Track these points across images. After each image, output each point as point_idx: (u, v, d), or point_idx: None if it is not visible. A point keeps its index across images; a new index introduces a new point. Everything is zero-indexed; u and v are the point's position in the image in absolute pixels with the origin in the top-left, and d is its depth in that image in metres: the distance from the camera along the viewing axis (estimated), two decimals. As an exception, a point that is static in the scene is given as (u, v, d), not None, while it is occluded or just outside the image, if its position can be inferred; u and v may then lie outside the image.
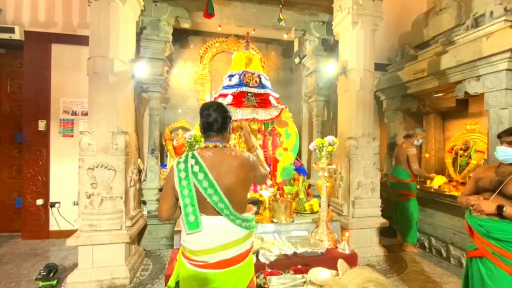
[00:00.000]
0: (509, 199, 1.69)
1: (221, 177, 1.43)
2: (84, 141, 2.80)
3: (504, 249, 1.68)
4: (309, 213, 3.35)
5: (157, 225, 3.79)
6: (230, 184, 1.44)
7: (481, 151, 3.57)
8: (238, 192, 1.48)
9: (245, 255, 1.52)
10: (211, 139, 1.55)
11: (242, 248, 1.50)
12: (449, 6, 3.90)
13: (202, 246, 1.44)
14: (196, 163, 1.44)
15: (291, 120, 3.69)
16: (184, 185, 1.41)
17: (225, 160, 1.48)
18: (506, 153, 1.74)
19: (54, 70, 4.03)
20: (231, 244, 1.46)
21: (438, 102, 4.26)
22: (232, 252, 1.46)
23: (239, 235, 1.48)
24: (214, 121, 1.53)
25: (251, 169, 1.54)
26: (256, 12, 4.43)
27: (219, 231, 1.45)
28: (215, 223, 1.44)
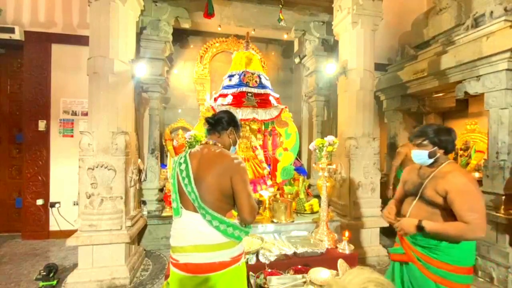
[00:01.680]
0: (429, 204, 1.61)
1: (199, 169, 1.46)
2: (84, 141, 2.80)
3: (428, 255, 1.61)
4: (309, 213, 3.35)
5: (157, 225, 3.79)
6: (205, 178, 1.43)
7: (481, 151, 3.57)
8: (213, 189, 1.42)
9: (219, 267, 1.40)
10: (210, 137, 1.63)
11: (214, 257, 1.40)
12: (449, 6, 3.90)
13: (176, 242, 1.47)
14: (184, 156, 1.53)
15: (291, 120, 3.69)
16: (173, 175, 1.53)
17: (209, 156, 1.50)
18: (419, 156, 1.66)
19: (54, 70, 4.03)
20: (201, 247, 1.40)
21: (438, 102, 4.26)
22: (201, 258, 1.40)
23: (211, 239, 1.40)
24: (215, 122, 1.61)
25: (233, 172, 1.43)
26: (256, 12, 4.43)
27: (192, 228, 1.43)
28: (190, 218, 1.45)
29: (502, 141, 2.90)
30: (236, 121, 1.67)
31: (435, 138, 1.62)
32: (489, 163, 3.00)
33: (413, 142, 1.70)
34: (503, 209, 2.81)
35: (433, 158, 1.64)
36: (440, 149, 1.63)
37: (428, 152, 1.63)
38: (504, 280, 2.78)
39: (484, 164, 3.08)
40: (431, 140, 1.62)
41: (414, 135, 1.71)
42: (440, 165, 1.65)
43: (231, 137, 1.64)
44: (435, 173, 1.64)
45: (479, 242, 3.04)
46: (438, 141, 1.62)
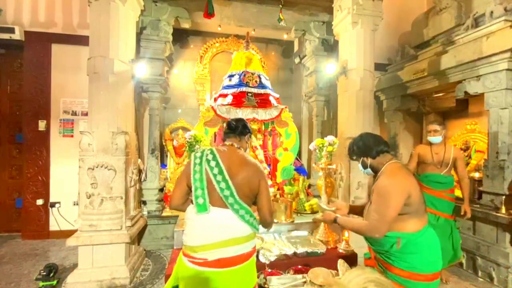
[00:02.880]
0: None
1: (231, 169, 1.54)
2: (84, 141, 2.80)
3: (384, 261, 1.63)
4: (309, 213, 3.35)
5: (157, 225, 3.80)
6: (238, 176, 1.52)
7: (481, 151, 3.57)
8: (245, 189, 1.53)
9: (246, 258, 1.52)
10: (229, 139, 1.72)
11: (243, 249, 1.50)
12: (449, 6, 3.90)
13: (203, 240, 1.46)
14: (211, 153, 1.58)
15: (291, 120, 3.69)
16: (197, 170, 1.53)
17: (238, 157, 1.61)
18: (361, 170, 1.80)
19: (54, 70, 4.03)
20: (232, 241, 1.47)
21: (438, 102, 4.25)
22: (232, 251, 1.47)
23: (241, 232, 1.50)
24: (236, 127, 1.73)
25: (261, 177, 1.58)
26: (256, 12, 4.43)
27: (222, 224, 1.48)
28: (219, 214, 1.49)
29: (502, 141, 2.90)
30: (251, 129, 1.84)
31: (355, 152, 1.77)
32: (489, 163, 3.00)
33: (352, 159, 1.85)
34: (504, 209, 2.81)
35: (368, 167, 1.74)
36: (365, 157, 1.73)
37: (360, 164, 1.78)
38: (504, 280, 2.78)
39: (484, 164, 3.08)
40: (355, 154, 1.78)
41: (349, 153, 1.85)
42: (381, 167, 1.71)
43: (247, 143, 1.80)
44: (377, 177, 1.72)
45: (479, 242, 3.04)
46: (358, 152, 1.75)
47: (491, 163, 2.97)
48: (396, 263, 1.57)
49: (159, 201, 3.96)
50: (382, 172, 1.68)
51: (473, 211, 3.09)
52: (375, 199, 1.59)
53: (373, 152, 1.71)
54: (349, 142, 1.84)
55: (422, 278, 1.54)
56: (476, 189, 3.28)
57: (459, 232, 2.96)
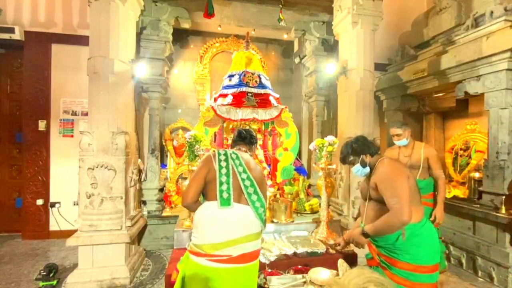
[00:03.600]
0: (376, 201, 1.73)
1: (249, 168, 1.69)
2: (84, 141, 2.80)
3: (389, 256, 1.66)
4: (309, 213, 3.35)
5: (157, 225, 3.79)
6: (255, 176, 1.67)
7: (481, 151, 3.57)
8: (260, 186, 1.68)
9: (258, 254, 1.63)
10: (240, 146, 1.86)
11: (257, 245, 1.61)
12: (449, 6, 3.90)
13: (226, 236, 1.49)
14: (234, 153, 1.70)
15: (291, 120, 3.69)
16: (223, 166, 1.61)
17: (252, 161, 1.77)
18: (358, 171, 1.82)
19: (54, 70, 4.03)
20: (251, 237, 1.55)
21: (438, 102, 4.25)
22: (251, 246, 1.55)
23: (257, 228, 1.60)
24: (246, 136, 1.88)
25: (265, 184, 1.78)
26: (256, 12, 4.43)
27: (244, 219, 1.56)
28: (242, 210, 1.57)
29: (502, 141, 2.90)
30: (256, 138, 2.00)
31: (354, 150, 1.79)
32: (489, 163, 3.00)
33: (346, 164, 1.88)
34: (504, 209, 2.80)
35: (366, 165, 1.78)
36: (365, 155, 1.79)
37: (359, 163, 1.79)
38: (504, 280, 2.78)
39: (484, 164, 3.08)
40: (353, 153, 1.80)
41: (341, 158, 1.88)
42: (374, 166, 1.78)
43: (254, 152, 1.97)
44: (373, 173, 1.78)
45: (479, 242, 3.04)
46: (359, 151, 1.79)
47: (491, 163, 2.97)
48: (401, 256, 1.60)
49: (159, 201, 3.96)
50: (377, 167, 1.74)
51: (473, 211, 3.09)
52: (383, 187, 1.61)
53: (371, 149, 1.78)
54: (342, 147, 1.87)
55: (425, 269, 1.58)
56: (476, 189, 3.28)
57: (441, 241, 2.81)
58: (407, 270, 1.58)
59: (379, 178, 1.66)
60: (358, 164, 1.80)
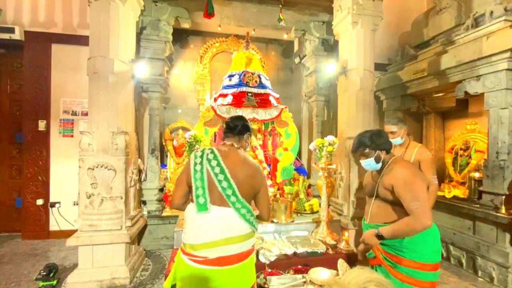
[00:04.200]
0: (385, 201, 1.72)
1: (232, 168, 1.55)
2: (84, 141, 2.80)
3: (393, 254, 1.66)
4: (309, 213, 3.35)
5: (157, 225, 3.79)
6: (239, 175, 1.54)
7: (481, 151, 3.57)
8: (246, 188, 1.55)
9: (245, 256, 1.53)
10: (229, 139, 1.71)
11: (243, 247, 1.52)
12: (449, 6, 3.90)
13: (204, 238, 1.47)
14: (212, 153, 1.59)
15: (291, 120, 3.69)
16: (198, 170, 1.54)
17: (239, 156, 1.62)
18: (369, 164, 1.77)
19: (54, 70, 4.03)
20: (233, 239, 1.49)
21: (438, 102, 4.25)
22: (232, 249, 1.48)
23: (241, 231, 1.52)
24: (235, 127, 1.71)
25: (261, 177, 1.63)
26: (256, 12, 4.43)
27: (223, 222, 1.49)
28: (220, 213, 1.50)
29: (502, 141, 2.90)
30: (249, 125, 1.80)
31: (374, 144, 1.72)
32: (489, 163, 3.00)
33: (358, 154, 1.81)
34: (504, 209, 2.81)
35: (380, 162, 1.74)
36: (381, 151, 1.74)
37: (374, 158, 1.73)
38: (504, 280, 2.78)
39: (484, 164, 3.08)
40: (371, 147, 1.73)
41: (355, 147, 1.80)
42: (387, 163, 1.75)
43: (247, 142, 1.78)
44: (383, 171, 1.74)
45: (479, 242, 3.04)
46: (376, 146, 1.72)
47: (491, 163, 2.98)
48: (407, 254, 1.61)
49: (159, 201, 3.96)
50: (390, 166, 1.71)
51: (473, 211, 3.09)
52: (403, 190, 1.58)
53: (388, 146, 1.74)
54: (360, 137, 1.78)
55: (430, 267, 1.60)
56: (476, 189, 3.28)
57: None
58: (413, 268, 1.60)
59: (397, 180, 1.61)
60: (372, 158, 1.73)
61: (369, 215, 1.80)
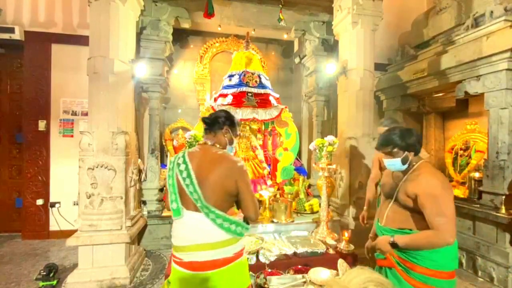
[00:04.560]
0: (403, 207, 1.61)
1: (201, 171, 1.46)
2: (84, 141, 2.80)
3: (407, 260, 1.57)
4: (309, 213, 3.35)
5: (157, 225, 3.79)
6: (208, 178, 1.44)
7: (481, 151, 3.57)
8: (217, 189, 1.44)
9: (222, 263, 1.44)
10: (205, 137, 1.63)
11: (218, 254, 1.43)
12: (449, 6, 3.90)
13: (180, 241, 1.48)
14: (182, 156, 1.53)
15: (291, 120, 3.69)
16: (170, 175, 1.51)
17: (210, 156, 1.51)
18: (393, 164, 1.63)
19: (54, 70, 4.03)
20: (205, 246, 1.42)
21: (438, 102, 4.25)
22: (205, 256, 1.42)
23: (215, 237, 1.43)
24: (210, 121, 1.61)
25: (238, 176, 1.47)
26: (256, 12, 4.43)
27: (195, 228, 1.44)
28: (192, 218, 1.45)
29: (502, 141, 2.90)
30: (232, 119, 1.65)
31: (403, 143, 1.57)
32: (489, 163, 3.00)
33: (382, 152, 1.65)
34: (504, 209, 2.81)
35: (407, 163, 1.60)
36: (410, 152, 1.59)
37: (401, 158, 1.59)
38: (504, 280, 2.78)
39: (484, 164, 3.08)
40: (399, 146, 1.58)
41: (381, 144, 1.65)
42: (412, 167, 1.62)
43: (226, 136, 1.63)
44: (408, 175, 1.62)
45: (479, 242, 3.04)
46: (406, 146, 1.57)
47: (491, 163, 2.97)
48: (421, 262, 1.54)
49: (159, 201, 3.96)
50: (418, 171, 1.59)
51: (473, 211, 3.09)
52: (428, 202, 1.47)
53: (418, 148, 1.60)
54: (389, 132, 1.63)
55: (446, 275, 1.53)
56: (476, 189, 3.28)
57: None
58: (427, 275, 1.52)
59: (424, 190, 1.49)
60: (399, 159, 1.58)
61: (385, 218, 1.70)
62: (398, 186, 1.64)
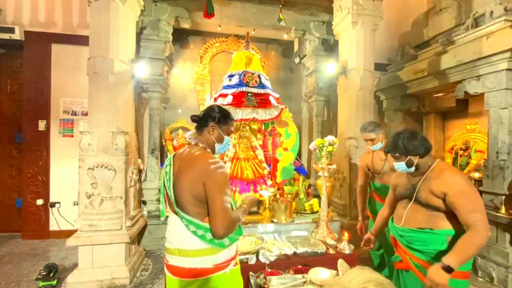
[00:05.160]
0: (426, 206, 1.60)
1: (178, 172, 1.40)
2: (84, 141, 2.80)
3: (427, 261, 1.55)
4: (309, 213, 3.35)
5: (157, 225, 3.79)
6: (181, 181, 1.37)
7: (481, 151, 3.57)
8: (185, 193, 1.35)
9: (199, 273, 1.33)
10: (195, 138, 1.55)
11: (196, 263, 1.34)
12: (449, 6, 3.90)
13: (166, 243, 1.47)
14: (171, 158, 1.49)
15: (291, 120, 3.69)
16: (162, 176, 1.51)
17: (189, 157, 1.42)
18: (400, 167, 1.66)
19: (54, 70, 4.03)
20: (184, 252, 1.36)
21: (438, 102, 4.25)
22: (184, 262, 1.36)
23: (192, 245, 1.34)
24: (196, 118, 1.52)
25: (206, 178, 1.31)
26: (256, 12, 4.43)
27: (176, 232, 1.41)
28: (173, 221, 1.42)
29: (502, 141, 2.90)
30: (221, 115, 1.50)
31: (404, 149, 1.60)
32: (489, 163, 3.00)
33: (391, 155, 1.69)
34: (504, 209, 2.80)
35: (412, 166, 1.62)
36: (414, 156, 1.60)
37: (405, 163, 1.62)
38: (504, 280, 2.78)
39: (484, 164, 3.08)
40: (401, 152, 1.61)
41: (387, 149, 1.70)
42: (430, 166, 1.63)
43: (213, 134, 1.48)
44: (427, 174, 1.62)
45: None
46: (407, 151, 1.60)
47: (491, 163, 2.97)
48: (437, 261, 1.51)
49: (159, 201, 3.96)
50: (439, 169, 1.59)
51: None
52: (460, 200, 1.46)
53: (422, 151, 1.61)
54: (395, 136, 1.67)
55: (461, 275, 1.52)
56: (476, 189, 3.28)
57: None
58: None
59: (453, 189, 1.48)
60: (403, 162, 1.62)
61: (404, 219, 1.67)
62: (417, 185, 1.63)
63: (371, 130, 2.53)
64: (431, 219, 1.58)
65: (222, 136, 1.52)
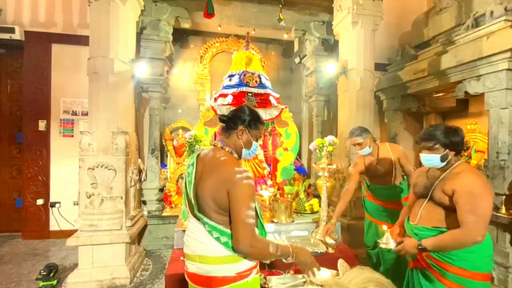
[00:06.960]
0: (440, 205, 1.57)
1: (201, 175, 1.33)
2: (84, 141, 2.80)
3: (442, 260, 1.53)
4: (309, 213, 3.34)
5: (157, 225, 3.80)
6: (204, 185, 1.30)
7: (481, 151, 3.57)
8: (208, 199, 1.28)
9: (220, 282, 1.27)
10: (220, 137, 1.47)
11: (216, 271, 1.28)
12: (449, 6, 3.89)
13: (186, 248, 1.39)
14: (195, 158, 1.41)
15: (291, 120, 3.69)
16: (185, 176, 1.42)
17: (213, 160, 1.34)
18: (430, 160, 1.58)
19: (54, 70, 4.03)
20: (205, 259, 1.29)
21: (438, 102, 4.25)
22: (204, 270, 1.29)
23: (215, 252, 1.28)
24: (227, 119, 1.42)
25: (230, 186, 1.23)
26: (256, 12, 4.43)
27: (196, 237, 1.33)
28: (194, 226, 1.35)
29: (502, 141, 2.89)
30: (252, 117, 1.40)
31: (446, 141, 1.53)
32: (489, 163, 3.00)
33: (423, 146, 1.61)
34: (504, 209, 2.80)
35: (445, 161, 1.56)
36: (451, 151, 1.55)
37: (440, 155, 1.54)
38: (504, 280, 2.78)
39: (484, 164, 3.08)
40: (442, 143, 1.53)
41: (422, 138, 1.61)
42: (451, 166, 1.58)
43: (242, 138, 1.39)
44: (446, 174, 1.58)
45: (479, 242, 3.03)
46: (449, 143, 1.53)
47: (491, 163, 2.97)
48: (457, 262, 1.50)
49: (159, 201, 3.96)
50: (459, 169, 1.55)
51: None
52: (463, 199, 1.44)
53: (460, 148, 1.56)
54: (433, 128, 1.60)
55: (482, 277, 1.50)
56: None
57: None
58: (463, 276, 1.48)
59: (462, 187, 1.45)
60: (439, 155, 1.54)
61: (418, 217, 1.66)
62: (434, 184, 1.60)
63: (358, 135, 2.48)
64: (446, 219, 1.56)
65: (251, 141, 1.42)
